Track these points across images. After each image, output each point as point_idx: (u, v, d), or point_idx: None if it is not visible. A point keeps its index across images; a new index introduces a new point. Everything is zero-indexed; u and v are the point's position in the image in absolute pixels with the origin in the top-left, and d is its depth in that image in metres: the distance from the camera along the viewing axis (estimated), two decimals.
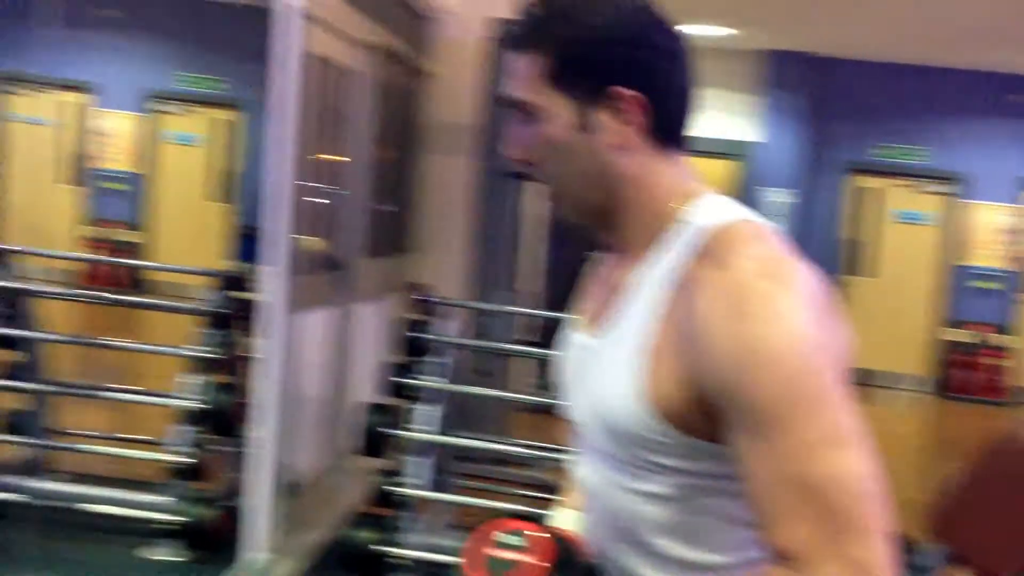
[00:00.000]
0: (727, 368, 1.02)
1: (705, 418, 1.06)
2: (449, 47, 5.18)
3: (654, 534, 1.13)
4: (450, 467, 3.67)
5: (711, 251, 1.07)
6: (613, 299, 1.16)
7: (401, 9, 4.86)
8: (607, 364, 1.14)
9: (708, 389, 1.04)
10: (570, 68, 1.12)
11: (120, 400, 4.38)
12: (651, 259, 1.13)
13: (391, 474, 3.45)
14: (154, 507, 3.80)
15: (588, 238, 1.23)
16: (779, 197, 8.78)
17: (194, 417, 3.82)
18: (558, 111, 1.12)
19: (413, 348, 3.70)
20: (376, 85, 4.53)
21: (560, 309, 1.42)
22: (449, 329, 3.85)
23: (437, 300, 4.00)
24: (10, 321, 4.15)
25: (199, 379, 3.90)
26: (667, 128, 1.15)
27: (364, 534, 3.45)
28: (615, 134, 1.12)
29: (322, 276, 4.14)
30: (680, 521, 1.12)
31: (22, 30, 10.48)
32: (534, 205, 5.46)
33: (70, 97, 10.85)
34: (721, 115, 8.69)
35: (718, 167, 8.81)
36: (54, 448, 4.28)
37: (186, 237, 10.79)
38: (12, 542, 3.83)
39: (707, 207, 1.13)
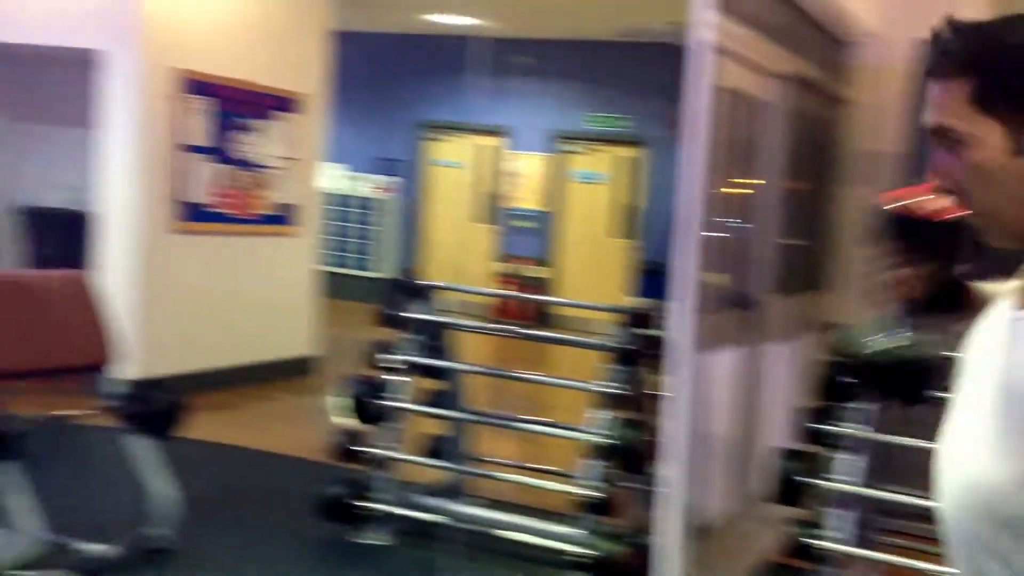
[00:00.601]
0: None
1: None
2: (870, 72, 4.97)
3: None
4: (875, 522, 3.48)
5: None
6: None
7: (817, 36, 4.74)
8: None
9: None
10: (998, 92, 1.09)
11: (531, 431, 4.61)
12: None
13: (808, 525, 3.32)
14: (565, 538, 3.95)
15: None
16: None
17: (603, 452, 3.93)
18: (987, 136, 1.09)
19: (831, 392, 3.56)
20: (789, 115, 4.44)
21: None
22: None
23: None
24: (433, 352, 4.52)
25: (607, 415, 4.02)
26: None
27: None
28: None
29: (730, 314, 4.11)
30: None
31: (445, 81, 11.51)
32: None
33: (484, 140, 11.71)
34: None
35: None
36: (472, 474, 4.58)
37: (590, 273, 11.22)
38: (436, 561, 4.15)
39: None
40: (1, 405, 3.69)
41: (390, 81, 11.92)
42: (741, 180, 4.21)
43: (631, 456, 3.90)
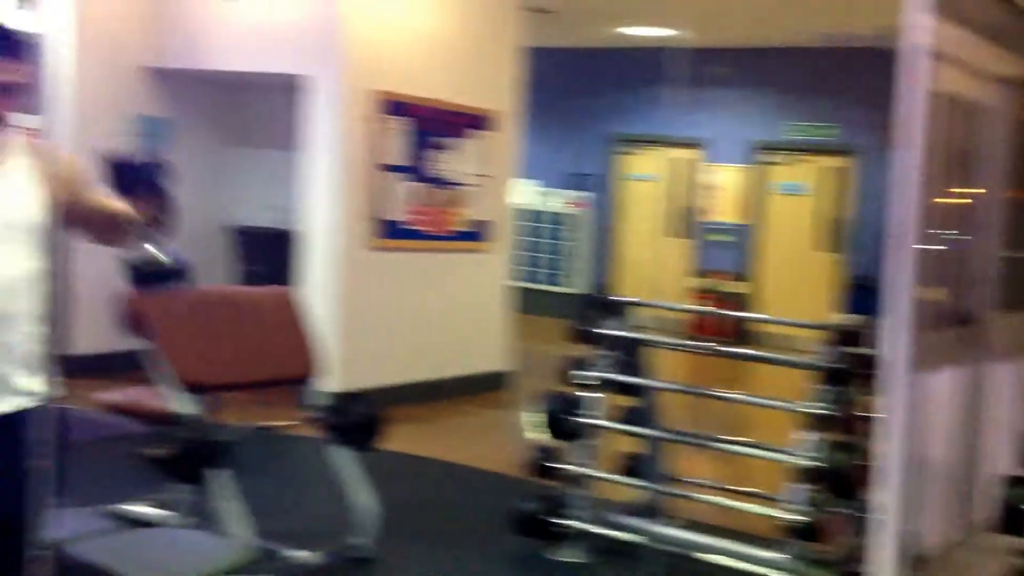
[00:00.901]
0: None
1: None
2: None
3: None
4: None
5: None
6: None
7: None
8: None
9: None
10: None
11: (733, 452, 4.53)
12: None
13: None
14: (768, 563, 3.86)
15: None
16: None
17: (810, 475, 3.82)
18: None
19: None
20: (1012, 120, 4.22)
21: None
22: None
23: None
24: (628, 369, 4.51)
25: (814, 436, 3.91)
26: None
27: None
28: None
29: (949, 332, 3.92)
30: None
31: (639, 94, 11.51)
32: None
33: (680, 153, 11.63)
34: None
35: None
36: (668, 494, 4.54)
37: (793, 288, 10.94)
38: None
39: None
40: (213, 415, 3.92)
41: (583, 95, 12.01)
42: (960, 189, 4.02)
43: (840, 480, 3.78)
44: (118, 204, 2.56)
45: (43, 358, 2.36)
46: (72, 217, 2.40)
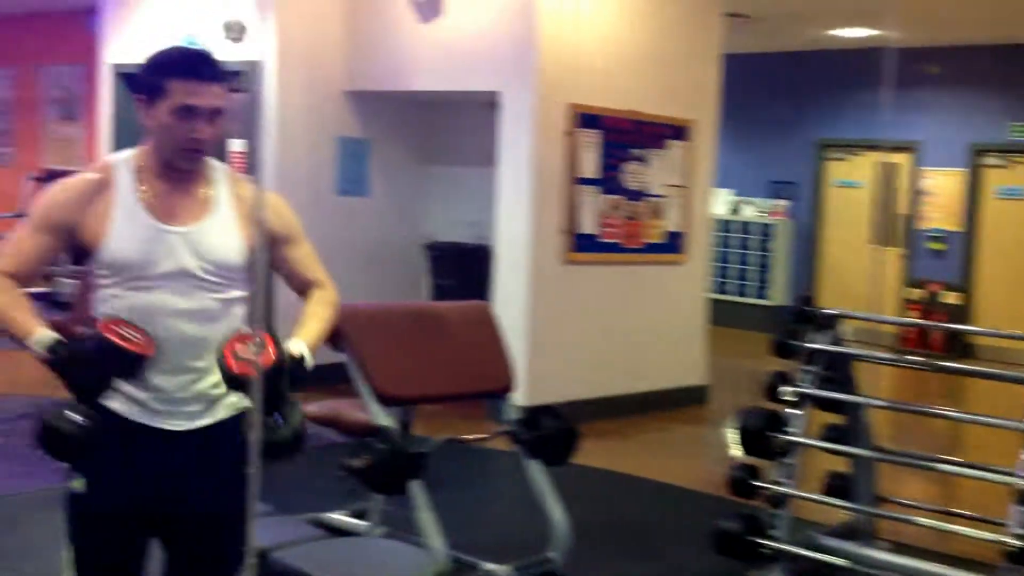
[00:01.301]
0: None
1: None
2: None
3: None
4: None
5: None
6: None
7: None
8: None
9: None
10: None
11: (949, 472, 4.31)
12: None
13: None
14: None
15: None
16: None
17: None
18: None
19: None
20: None
21: None
22: None
23: None
24: (833, 384, 4.36)
25: None
26: None
27: None
28: None
29: None
30: None
31: (843, 98, 11.15)
32: None
33: (889, 158, 11.18)
34: None
35: None
36: (877, 515, 4.36)
37: (1014, 298, 10.34)
38: None
39: None
40: (411, 427, 4.03)
41: (782, 101, 11.74)
42: None
43: None
44: (313, 272, 2.57)
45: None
46: (270, 261, 2.48)
